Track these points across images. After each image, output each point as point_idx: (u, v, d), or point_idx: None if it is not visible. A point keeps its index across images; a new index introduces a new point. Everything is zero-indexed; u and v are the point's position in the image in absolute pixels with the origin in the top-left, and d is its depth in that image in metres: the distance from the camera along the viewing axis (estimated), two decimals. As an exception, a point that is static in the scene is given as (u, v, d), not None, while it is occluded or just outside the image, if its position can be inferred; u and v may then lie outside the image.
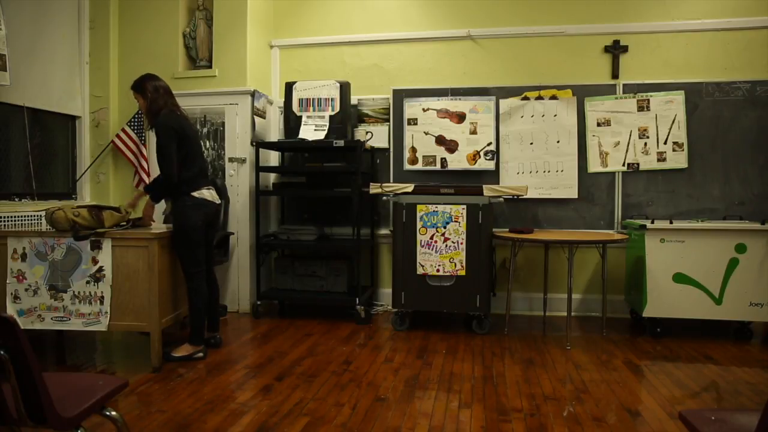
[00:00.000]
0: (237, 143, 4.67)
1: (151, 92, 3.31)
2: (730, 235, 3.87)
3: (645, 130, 4.54)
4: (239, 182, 4.66)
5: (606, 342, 3.90)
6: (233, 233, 4.63)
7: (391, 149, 4.88)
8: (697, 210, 4.49)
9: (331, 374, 3.18)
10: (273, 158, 5.11)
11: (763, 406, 1.29)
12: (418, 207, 4.04)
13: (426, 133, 4.77)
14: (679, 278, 3.93)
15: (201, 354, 3.47)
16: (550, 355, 3.56)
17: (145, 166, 4.73)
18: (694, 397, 2.88)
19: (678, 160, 4.50)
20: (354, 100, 4.90)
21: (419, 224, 4.04)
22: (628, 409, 2.71)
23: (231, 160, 4.67)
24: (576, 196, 4.62)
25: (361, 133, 4.88)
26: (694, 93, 4.47)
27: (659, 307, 3.95)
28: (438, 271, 4.03)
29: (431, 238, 4.03)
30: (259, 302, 4.52)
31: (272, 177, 5.10)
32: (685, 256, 3.92)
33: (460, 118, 4.71)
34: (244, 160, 4.64)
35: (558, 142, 4.62)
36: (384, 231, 4.90)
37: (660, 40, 4.59)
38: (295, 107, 4.61)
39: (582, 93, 4.62)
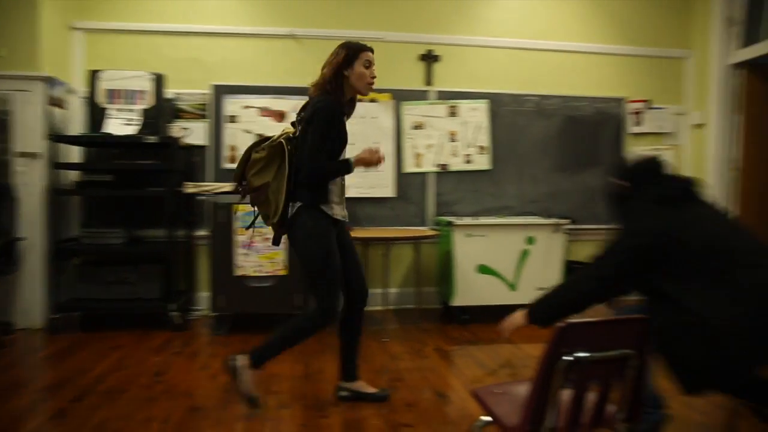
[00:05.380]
0: (28, 136, 4.11)
1: None
2: (523, 229, 4.39)
3: (454, 134, 4.94)
4: (31, 180, 4.10)
5: (420, 332, 4.16)
6: (23, 239, 4.06)
7: (211, 147, 4.68)
8: (498, 207, 4.99)
9: (141, 388, 2.95)
10: (77, 155, 4.58)
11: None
12: (236, 207, 3.92)
13: (247, 132, 4.65)
14: (482, 269, 4.35)
15: None
16: (368, 349, 3.69)
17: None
18: (492, 374, 3.21)
19: (482, 162, 4.96)
20: (170, 93, 4.60)
21: (237, 224, 3.93)
22: (438, 392, 2.92)
23: (21, 154, 4.10)
24: (393, 195, 4.86)
25: (176, 129, 4.60)
26: (495, 102, 4.97)
27: (465, 296, 4.33)
28: (258, 271, 3.95)
29: (250, 238, 3.94)
30: (56, 316, 4.02)
31: (74, 175, 4.57)
32: (487, 249, 4.34)
33: (282, 116, 4.68)
34: (36, 156, 4.10)
35: (378, 143, 4.81)
36: (202, 232, 4.67)
37: (466, 53, 5.02)
38: (100, 98, 4.19)
39: (400, 97, 4.87)
